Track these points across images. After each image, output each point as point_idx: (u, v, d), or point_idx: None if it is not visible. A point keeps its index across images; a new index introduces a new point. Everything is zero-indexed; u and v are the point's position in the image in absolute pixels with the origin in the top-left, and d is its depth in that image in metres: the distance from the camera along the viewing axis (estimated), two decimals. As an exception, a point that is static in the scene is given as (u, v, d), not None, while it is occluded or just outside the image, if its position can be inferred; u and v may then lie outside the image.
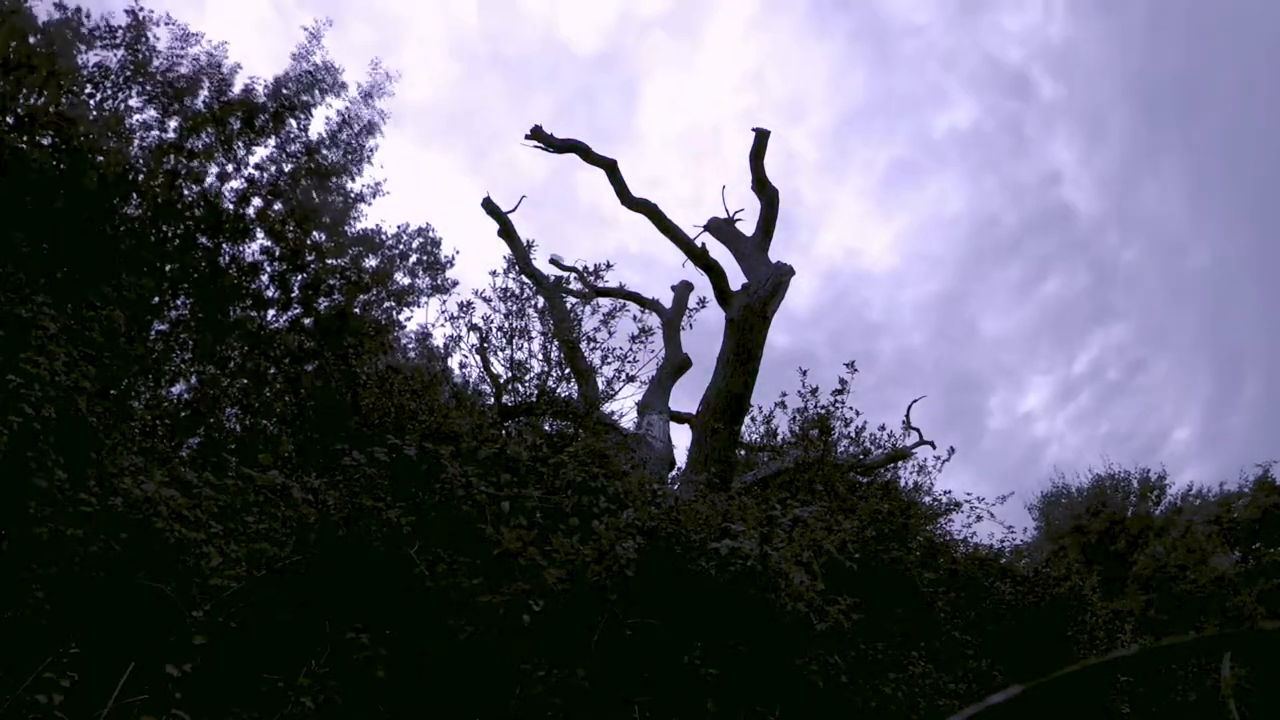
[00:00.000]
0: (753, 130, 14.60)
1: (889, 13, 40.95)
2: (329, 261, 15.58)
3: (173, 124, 14.30)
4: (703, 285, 16.24)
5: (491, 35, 35.87)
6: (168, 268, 14.04)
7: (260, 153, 14.97)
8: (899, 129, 41.81)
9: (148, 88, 14.01)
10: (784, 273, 13.18)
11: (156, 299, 13.79)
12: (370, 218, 17.81)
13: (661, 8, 39.87)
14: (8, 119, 12.74)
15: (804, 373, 16.22)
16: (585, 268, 18.19)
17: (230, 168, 14.72)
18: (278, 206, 15.03)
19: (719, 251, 14.42)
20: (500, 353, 17.20)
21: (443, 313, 24.21)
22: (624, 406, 22.09)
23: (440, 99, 34.47)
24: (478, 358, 17.38)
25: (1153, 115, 40.14)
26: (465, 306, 17.40)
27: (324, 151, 15.35)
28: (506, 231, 17.54)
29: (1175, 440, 38.45)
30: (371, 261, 16.42)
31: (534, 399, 16.06)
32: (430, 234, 17.16)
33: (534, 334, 17.30)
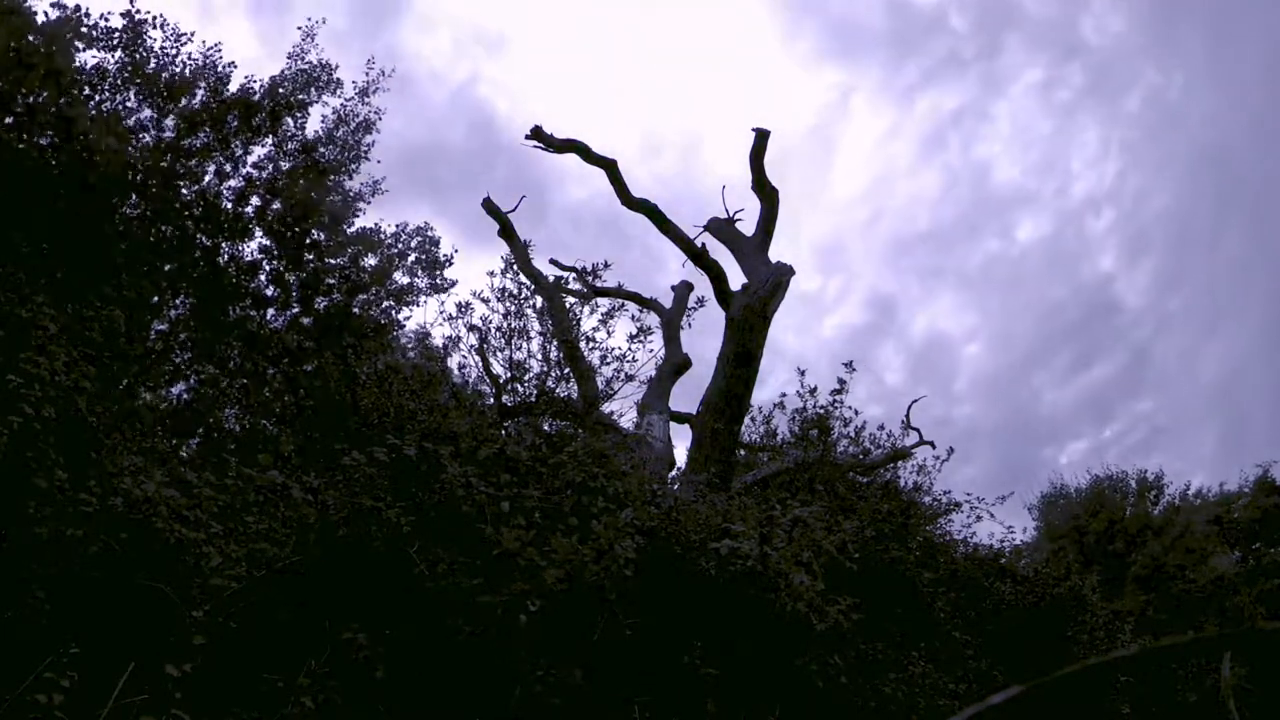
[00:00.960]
0: (753, 130, 14.61)
1: (988, 144, 49.91)
2: (328, 261, 15.57)
3: (170, 123, 14.30)
4: (703, 285, 16.26)
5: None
6: (167, 268, 14.04)
7: (258, 152, 14.98)
8: (991, 233, 50.36)
9: (145, 87, 14.01)
10: (784, 273, 13.18)
11: (156, 299, 13.79)
12: (369, 216, 17.80)
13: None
14: (7, 119, 12.73)
15: (802, 373, 16.25)
16: (584, 267, 18.19)
17: (228, 167, 14.72)
18: (276, 205, 15.03)
19: (719, 251, 14.43)
20: (499, 353, 17.20)
21: (441, 313, 24.22)
22: (624, 406, 22.08)
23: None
24: (477, 358, 17.39)
25: (1184, 236, 48.81)
26: (464, 306, 17.40)
27: (321, 149, 15.35)
28: (506, 231, 17.53)
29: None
30: (370, 261, 16.41)
31: (533, 399, 16.06)
32: (429, 233, 17.17)
33: (533, 334, 17.31)
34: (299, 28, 15.82)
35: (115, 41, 13.78)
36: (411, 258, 16.96)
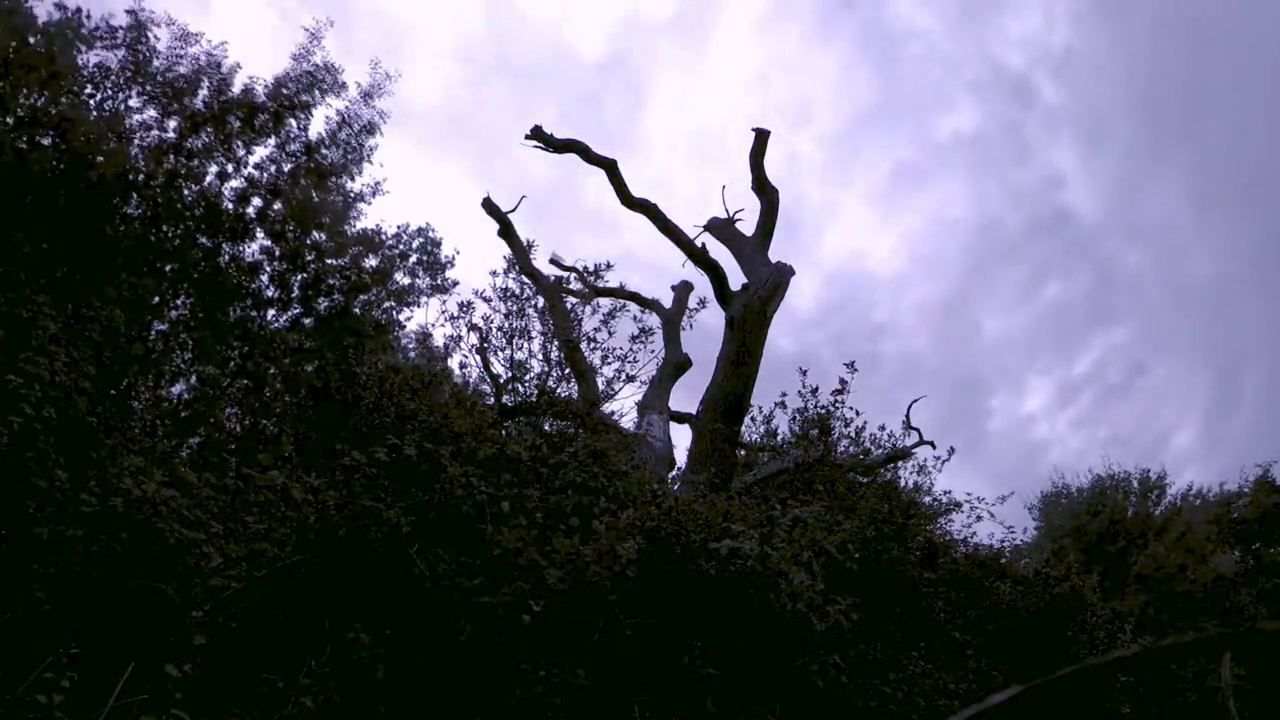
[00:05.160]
0: (752, 130, 14.61)
1: (893, 17, 42.47)
2: (329, 261, 15.57)
3: (172, 124, 14.30)
4: (703, 285, 16.26)
5: (498, 37, 36.82)
6: (168, 268, 14.03)
7: (260, 152, 14.98)
8: (902, 132, 43.36)
9: (147, 88, 14.01)
10: (784, 273, 13.18)
11: (156, 299, 13.79)
12: (370, 218, 17.83)
13: (668, 12, 40.88)
14: (8, 119, 12.73)
15: (804, 373, 16.18)
16: (585, 268, 18.20)
17: (230, 167, 14.71)
18: (277, 206, 15.03)
19: (719, 251, 14.44)
20: (500, 353, 17.22)
21: (443, 313, 24.24)
22: (624, 406, 22.09)
23: (446, 102, 35.51)
24: (478, 358, 17.41)
25: (1156, 122, 41.33)
26: (465, 306, 17.42)
27: (324, 151, 15.35)
28: (506, 231, 17.54)
29: (1176, 444, 38.93)
30: (371, 261, 16.41)
31: (534, 399, 16.06)
32: (430, 234, 17.17)
33: (534, 334, 17.32)
34: (304, 28, 15.83)
35: (118, 40, 13.78)
36: (413, 258, 16.98)
